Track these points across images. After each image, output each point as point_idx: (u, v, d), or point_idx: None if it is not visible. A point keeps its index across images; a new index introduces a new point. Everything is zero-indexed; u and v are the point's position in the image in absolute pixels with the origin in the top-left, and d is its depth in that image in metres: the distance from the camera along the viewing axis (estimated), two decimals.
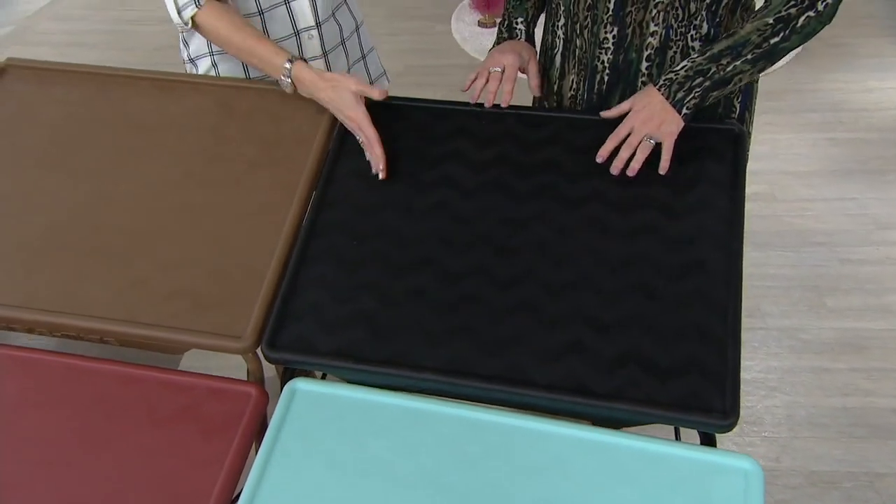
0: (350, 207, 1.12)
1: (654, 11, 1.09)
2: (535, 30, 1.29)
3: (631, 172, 1.07)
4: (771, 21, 1.04)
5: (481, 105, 1.20)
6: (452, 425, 0.97)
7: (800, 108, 3.01)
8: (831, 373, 1.89)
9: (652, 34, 1.11)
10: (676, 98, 1.06)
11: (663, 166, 1.07)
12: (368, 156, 1.15)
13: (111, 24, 3.94)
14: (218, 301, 1.05)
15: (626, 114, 1.10)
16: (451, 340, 0.99)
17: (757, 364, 1.92)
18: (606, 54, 1.15)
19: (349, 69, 1.44)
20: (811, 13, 1.03)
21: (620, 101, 1.19)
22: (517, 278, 1.03)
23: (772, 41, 1.04)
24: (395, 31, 3.68)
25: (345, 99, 1.14)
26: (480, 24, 3.63)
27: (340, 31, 1.39)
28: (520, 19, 1.26)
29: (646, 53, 1.13)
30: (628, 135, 1.08)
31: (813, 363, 1.92)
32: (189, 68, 1.38)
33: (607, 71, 1.17)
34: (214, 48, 1.32)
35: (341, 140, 1.19)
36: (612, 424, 0.96)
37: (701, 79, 1.05)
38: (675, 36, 1.11)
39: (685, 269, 1.01)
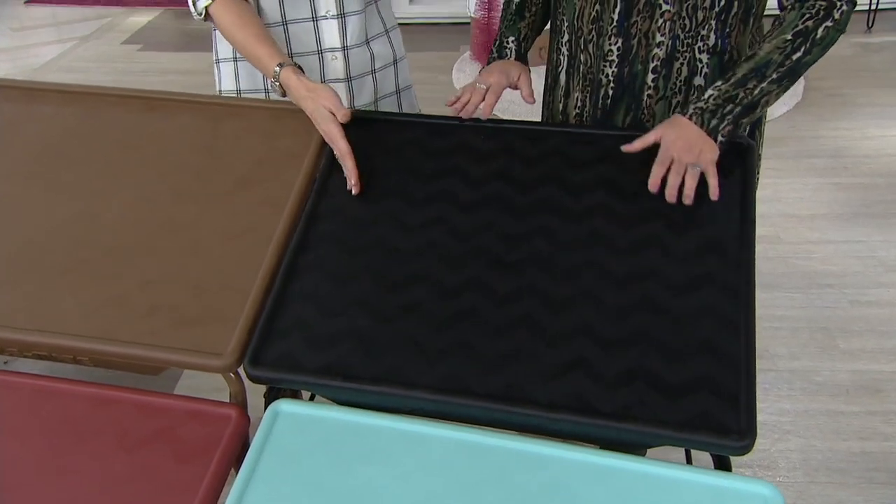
0: (342, 221, 1.08)
1: (661, 21, 1.06)
2: (530, 50, 1.27)
3: (687, 200, 1.02)
4: (789, 37, 1.01)
5: (477, 120, 1.17)
6: (448, 449, 0.90)
7: (801, 154, 3.00)
8: (847, 416, 1.81)
9: (658, 45, 1.09)
10: (711, 126, 1.02)
11: (714, 193, 1.02)
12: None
13: (117, 75, 3.99)
14: (199, 318, 1.00)
15: (650, 146, 1.06)
16: (446, 357, 0.93)
17: (768, 406, 1.84)
18: (611, 67, 1.13)
19: (376, 101, 1.41)
20: (829, 23, 1.01)
21: (625, 116, 1.16)
22: (517, 293, 0.97)
23: (794, 57, 1.01)
24: None
25: (321, 111, 1.12)
26: None
27: (372, 60, 1.37)
28: (510, 38, 1.24)
29: (651, 65, 1.10)
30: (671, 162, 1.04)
31: (828, 406, 1.84)
32: (216, 69, 1.37)
33: (612, 84, 1.14)
34: (238, 53, 1.31)
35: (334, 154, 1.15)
36: (619, 447, 0.89)
37: (731, 105, 1.02)
38: (682, 47, 1.08)
39: (693, 283, 0.95)
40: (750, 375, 0.86)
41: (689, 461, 1.06)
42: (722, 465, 0.90)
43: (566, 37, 1.19)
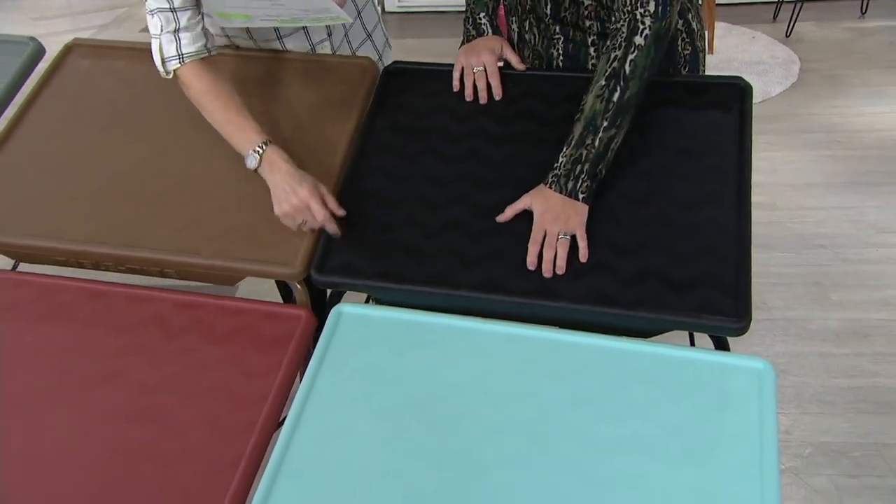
0: (389, 155, 1.23)
1: (586, 12, 1.20)
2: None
3: (560, 271, 1.07)
4: (603, 82, 1.08)
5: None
6: (488, 339, 1.05)
7: (797, 129, 3.15)
8: (837, 357, 1.96)
9: (589, 28, 1.23)
10: (569, 189, 1.08)
11: (583, 255, 1.07)
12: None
13: None
14: (270, 236, 1.15)
15: (522, 212, 1.12)
16: (485, 264, 1.08)
17: (764, 350, 1.99)
18: (558, 44, 1.28)
19: None
20: (632, 55, 1.07)
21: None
22: None
23: (614, 99, 1.07)
24: None
25: (305, 191, 1.10)
26: None
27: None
28: (482, 14, 1.35)
29: (590, 39, 1.24)
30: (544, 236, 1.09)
31: (819, 349, 1.99)
32: None
33: (561, 58, 1.29)
34: None
35: (379, 98, 1.31)
36: (634, 335, 1.05)
37: (579, 165, 1.08)
38: (611, 24, 1.14)
39: (697, 201, 1.10)
40: (744, 271, 1.02)
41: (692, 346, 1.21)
42: (721, 346, 1.05)
43: (513, 14, 1.33)
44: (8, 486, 0.95)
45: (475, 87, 1.29)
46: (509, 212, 1.12)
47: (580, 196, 1.09)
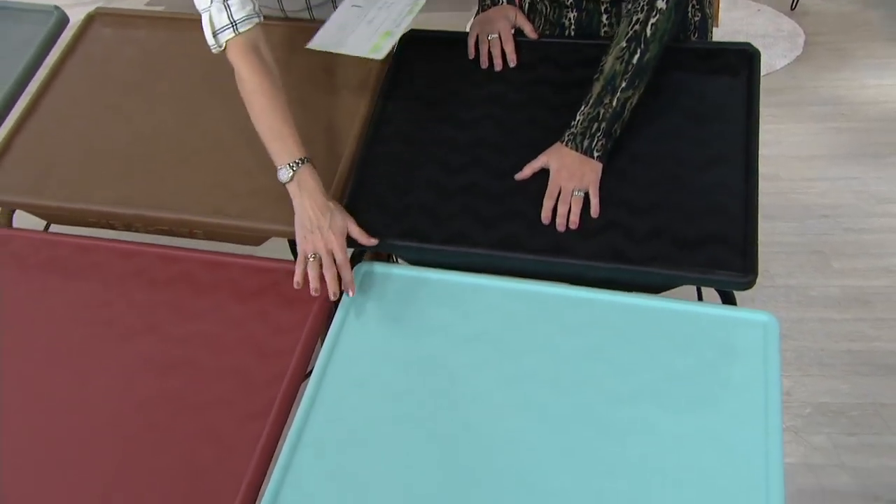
0: (407, 120, 1.27)
1: None
2: None
3: (573, 226, 1.11)
4: (624, 44, 1.12)
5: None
6: (505, 295, 1.10)
7: (801, 102, 3.17)
8: (838, 322, 2.01)
9: None
10: (585, 147, 1.12)
11: (594, 210, 1.11)
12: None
13: None
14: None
15: (538, 173, 1.15)
16: (502, 223, 1.13)
17: None
18: (571, 11, 1.31)
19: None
20: (653, 19, 1.11)
21: None
22: None
23: (633, 61, 1.11)
24: None
25: (333, 236, 1.09)
26: None
27: None
28: None
29: (602, 7, 1.26)
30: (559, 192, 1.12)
31: (820, 315, 2.04)
32: None
33: (573, 26, 1.32)
34: None
35: (397, 65, 1.34)
36: (645, 291, 1.09)
37: (596, 123, 1.12)
38: None
39: (708, 162, 1.14)
40: (751, 230, 1.06)
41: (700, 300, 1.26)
42: (727, 301, 1.10)
43: None
44: (50, 433, 1.00)
45: (490, 54, 1.32)
46: (527, 170, 1.16)
47: (595, 154, 1.12)
